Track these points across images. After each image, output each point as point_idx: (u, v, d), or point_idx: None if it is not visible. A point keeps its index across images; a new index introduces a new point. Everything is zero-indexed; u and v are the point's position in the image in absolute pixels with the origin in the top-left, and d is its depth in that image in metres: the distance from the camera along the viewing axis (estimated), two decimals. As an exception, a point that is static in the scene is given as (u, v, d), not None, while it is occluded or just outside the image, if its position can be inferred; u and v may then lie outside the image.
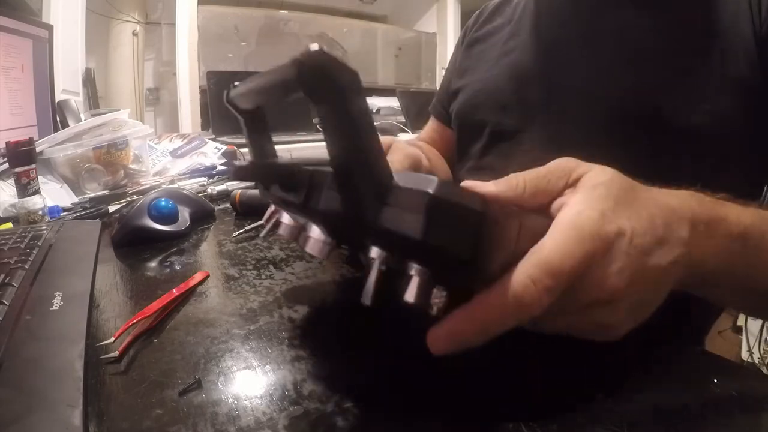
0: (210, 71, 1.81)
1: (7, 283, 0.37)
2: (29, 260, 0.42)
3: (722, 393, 0.28)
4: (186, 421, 0.25)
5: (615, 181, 0.26)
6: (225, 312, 0.37)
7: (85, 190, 0.81)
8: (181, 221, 0.58)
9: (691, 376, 0.30)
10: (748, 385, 0.29)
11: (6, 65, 0.93)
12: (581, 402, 0.27)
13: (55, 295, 0.36)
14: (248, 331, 0.34)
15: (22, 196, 0.67)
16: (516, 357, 0.31)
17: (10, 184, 0.71)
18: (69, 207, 0.72)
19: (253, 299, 0.39)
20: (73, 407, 0.23)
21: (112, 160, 0.86)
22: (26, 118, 1.00)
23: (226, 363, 0.30)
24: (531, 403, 0.27)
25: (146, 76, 2.42)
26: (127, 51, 2.29)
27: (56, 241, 0.49)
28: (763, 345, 1.56)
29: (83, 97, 1.81)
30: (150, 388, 0.27)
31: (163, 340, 0.33)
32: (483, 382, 0.29)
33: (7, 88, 0.93)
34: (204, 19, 2.11)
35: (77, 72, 1.71)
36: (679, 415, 0.26)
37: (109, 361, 0.30)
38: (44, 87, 1.07)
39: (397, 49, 2.89)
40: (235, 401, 0.26)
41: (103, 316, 0.37)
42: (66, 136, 0.84)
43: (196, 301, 0.40)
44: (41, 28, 1.06)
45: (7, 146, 0.69)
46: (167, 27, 2.22)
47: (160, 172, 0.97)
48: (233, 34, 2.27)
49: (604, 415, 0.26)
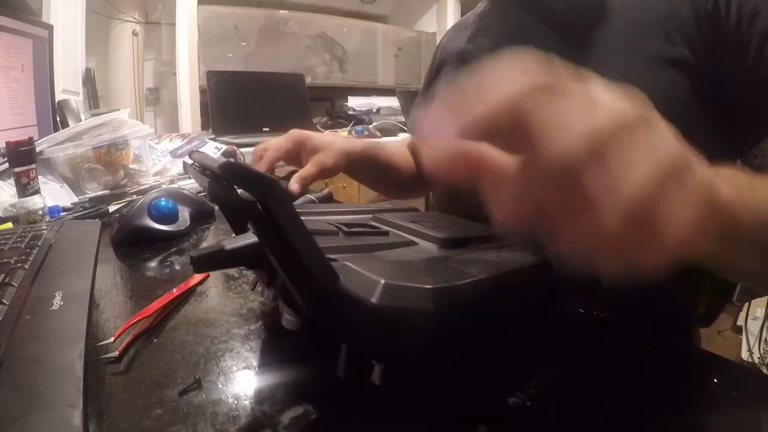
0: (210, 71, 1.81)
1: (7, 283, 0.37)
2: (29, 260, 0.42)
3: (722, 393, 0.28)
4: (186, 421, 0.24)
5: None
6: (225, 312, 0.37)
7: (85, 190, 0.81)
8: (181, 221, 0.58)
9: (691, 376, 0.30)
10: (748, 385, 0.29)
11: (6, 65, 0.93)
12: (580, 403, 0.27)
13: (55, 295, 0.36)
14: (248, 331, 0.34)
15: (22, 196, 0.67)
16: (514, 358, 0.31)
17: (10, 184, 0.71)
18: (69, 207, 0.72)
19: (253, 299, 0.39)
20: (73, 407, 0.23)
21: (112, 160, 0.85)
22: (26, 117, 1.00)
23: (226, 363, 0.30)
24: (531, 403, 0.27)
25: (146, 76, 2.41)
26: (127, 51, 2.28)
27: (56, 241, 0.49)
28: (763, 345, 1.56)
29: (83, 97, 1.80)
30: (150, 388, 0.27)
31: (163, 340, 0.33)
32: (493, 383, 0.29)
33: (7, 88, 0.93)
34: (204, 19, 2.11)
35: (77, 72, 1.71)
36: (679, 415, 0.26)
37: (109, 361, 0.30)
38: (44, 87, 1.07)
39: (397, 49, 2.89)
40: (235, 401, 0.26)
41: (103, 316, 0.37)
42: (66, 135, 0.84)
43: (196, 301, 0.40)
44: (41, 28, 1.06)
45: (7, 146, 0.69)
46: (167, 27, 2.22)
47: (160, 172, 0.97)
48: (233, 34, 2.27)
49: (604, 416, 0.26)
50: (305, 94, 2.01)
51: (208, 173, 0.28)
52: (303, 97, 2.00)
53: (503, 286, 0.27)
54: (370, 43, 2.77)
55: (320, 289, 0.21)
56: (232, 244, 0.25)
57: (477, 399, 0.27)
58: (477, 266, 0.28)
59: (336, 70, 2.58)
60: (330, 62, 2.56)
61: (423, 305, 0.21)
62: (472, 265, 0.28)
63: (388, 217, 0.39)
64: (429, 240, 0.33)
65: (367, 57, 2.75)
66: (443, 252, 0.31)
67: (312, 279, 0.21)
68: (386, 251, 0.29)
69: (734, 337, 1.65)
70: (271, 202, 0.20)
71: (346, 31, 2.64)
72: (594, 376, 0.29)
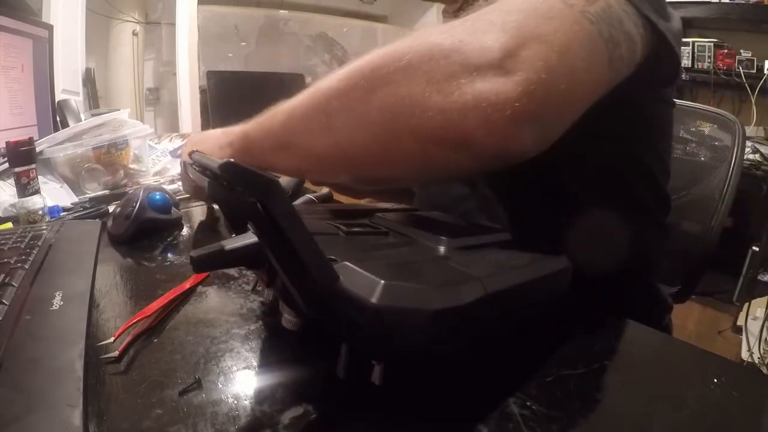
0: (210, 71, 1.81)
1: (7, 283, 0.37)
2: (29, 260, 0.42)
3: (722, 393, 0.28)
4: (186, 421, 0.24)
5: None
6: (225, 312, 0.37)
7: (85, 190, 0.81)
8: (173, 210, 0.62)
9: (691, 376, 0.30)
10: (748, 385, 0.29)
11: (6, 65, 0.93)
12: (580, 403, 0.27)
13: (55, 295, 0.36)
14: (248, 331, 0.34)
15: (22, 196, 0.67)
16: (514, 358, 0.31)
17: (10, 184, 0.71)
18: (69, 207, 0.72)
19: (253, 299, 0.39)
20: (73, 407, 0.23)
21: (112, 160, 0.85)
22: (26, 118, 1.00)
23: (226, 363, 0.30)
24: (528, 405, 0.27)
25: (146, 76, 2.41)
26: (127, 51, 2.29)
27: (56, 241, 0.49)
28: (763, 345, 1.56)
29: (83, 97, 1.81)
30: (150, 388, 0.27)
31: (163, 340, 0.33)
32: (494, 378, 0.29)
33: (7, 88, 0.93)
34: (204, 19, 2.11)
35: (77, 72, 1.71)
36: (679, 415, 0.26)
37: (109, 361, 0.30)
38: (44, 87, 1.07)
39: (397, 49, 2.89)
40: (235, 401, 0.26)
41: (103, 316, 0.37)
42: (66, 136, 0.84)
43: (196, 301, 0.40)
44: (41, 28, 1.06)
45: (7, 146, 0.69)
46: (167, 27, 2.22)
47: (160, 171, 0.97)
48: (233, 34, 2.27)
49: (604, 416, 0.26)
50: (305, 94, 2.01)
51: (208, 173, 0.28)
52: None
53: (503, 286, 0.27)
54: (370, 43, 2.77)
55: (320, 289, 0.21)
56: (232, 244, 0.25)
57: (477, 399, 0.27)
58: (477, 266, 0.28)
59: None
60: (330, 62, 2.56)
61: (423, 305, 0.21)
62: (472, 265, 0.28)
63: (388, 217, 0.39)
64: (429, 240, 0.33)
65: (367, 57, 2.75)
66: (443, 252, 0.31)
67: (312, 279, 0.21)
68: (386, 251, 0.29)
69: (734, 337, 1.65)
70: (271, 202, 0.20)
71: (346, 31, 2.64)
72: (593, 376, 0.29)
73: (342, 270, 0.22)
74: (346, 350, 0.24)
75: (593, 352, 0.32)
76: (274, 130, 0.40)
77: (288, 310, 0.29)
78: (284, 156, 0.40)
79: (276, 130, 0.40)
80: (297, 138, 0.38)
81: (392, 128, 0.31)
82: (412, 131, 0.30)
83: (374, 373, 0.23)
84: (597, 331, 0.35)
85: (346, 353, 0.24)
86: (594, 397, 0.27)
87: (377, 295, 0.20)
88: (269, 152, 0.41)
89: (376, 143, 0.33)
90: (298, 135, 0.38)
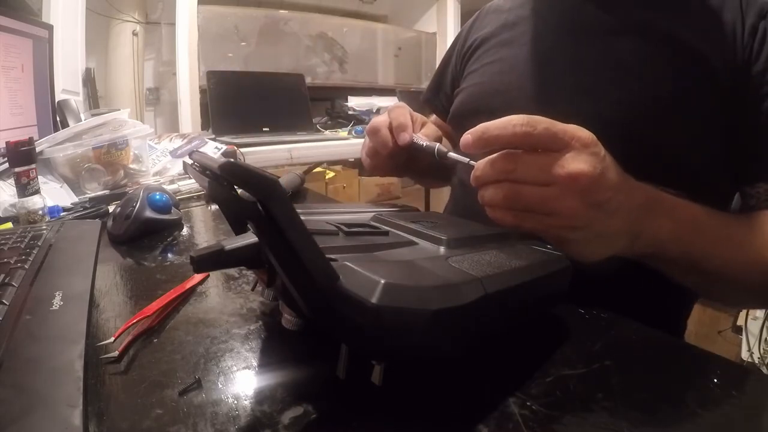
0: (210, 71, 1.81)
1: (7, 283, 0.37)
2: (29, 260, 0.42)
3: (722, 393, 0.28)
4: (186, 421, 0.25)
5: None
6: (225, 312, 0.37)
7: (85, 190, 0.81)
8: (173, 210, 0.62)
9: (691, 376, 0.30)
10: (748, 385, 0.29)
11: (6, 65, 0.93)
12: (580, 403, 0.27)
13: (55, 295, 0.36)
14: (248, 331, 0.34)
15: (22, 196, 0.67)
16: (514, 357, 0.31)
17: (10, 184, 0.71)
18: (69, 207, 0.72)
19: (253, 299, 0.39)
20: (73, 407, 0.23)
21: (112, 159, 0.85)
22: (26, 117, 1.00)
23: (226, 363, 0.30)
24: (528, 405, 0.27)
25: (146, 76, 2.41)
26: (127, 51, 2.29)
27: (56, 241, 0.49)
28: (763, 345, 1.56)
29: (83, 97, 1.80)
30: (150, 388, 0.27)
31: (163, 340, 0.33)
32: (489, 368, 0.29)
33: (7, 88, 0.93)
34: (204, 19, 2.11)
35: (77, 72, 1.71)
36: (678, 415, 0.26)
37: (109, 361, 0.30)
38: (44, 87, 1.07)
39: (397, 48, 2.89)
40: (235, 401, 0.26)
41: (103, 316, 0.37)
42: (66, 135, 0.84)
43: (196, 301, 0.40)
44: (41, 28, 1.06)
45: (7, 146, 0.69)
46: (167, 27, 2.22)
47: (160, 172, 0.97)
48: (233, 34, 2.27)
49: (604, 416, 0.26)
50: (305, 94, 2.01)
51: (208, 173, 0.28)
52: (303, 97, 1.99)
53: (503, 286, 0.27)
54: (370, 43, 2.77)
55: (320, 289, 0.21)
56: (232, 244, 0.25)
57: (477, 399, 0.27)
58: (477, 266, 0.28)
59: (336, 70, 2.58)
60: (330, 62, 2.56)
61: (423, 305, 0.21)
62: (472, 265, 0.28)
63: (388, 217, 0.39)
64: (429, 240, 0.33)
65: (367, 57, 2.74)
66: (443, 252, 0.31)
67: (312, 279, 0.21)
68: (386, 251, 0.29)
69: (734, 337, 1.65)
70: (271, 202, 0.20)
71: (346, 31, 2.64)
72: (593, 376, 0.29)
73: (342, 270, 0.22)
74: (346, 350, 0.24)
75: (593, 352, 0.32)
76: (693, 255, 0.42)
77: (288, 310, 0.29)
78: (691, 272, 0.44)
79: (696, 256, 0.42)
80: (713, 268, 0.43)
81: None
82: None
83: (374, 373, 0.23)
84: (597, 331, 0.35)
85: (346, 353, 0.24)
86: (594, 397, 0.27)
87: (377, 295, 0.20)
88: (679, 263, 0.43)
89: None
90: (718, 269, 0.43)
